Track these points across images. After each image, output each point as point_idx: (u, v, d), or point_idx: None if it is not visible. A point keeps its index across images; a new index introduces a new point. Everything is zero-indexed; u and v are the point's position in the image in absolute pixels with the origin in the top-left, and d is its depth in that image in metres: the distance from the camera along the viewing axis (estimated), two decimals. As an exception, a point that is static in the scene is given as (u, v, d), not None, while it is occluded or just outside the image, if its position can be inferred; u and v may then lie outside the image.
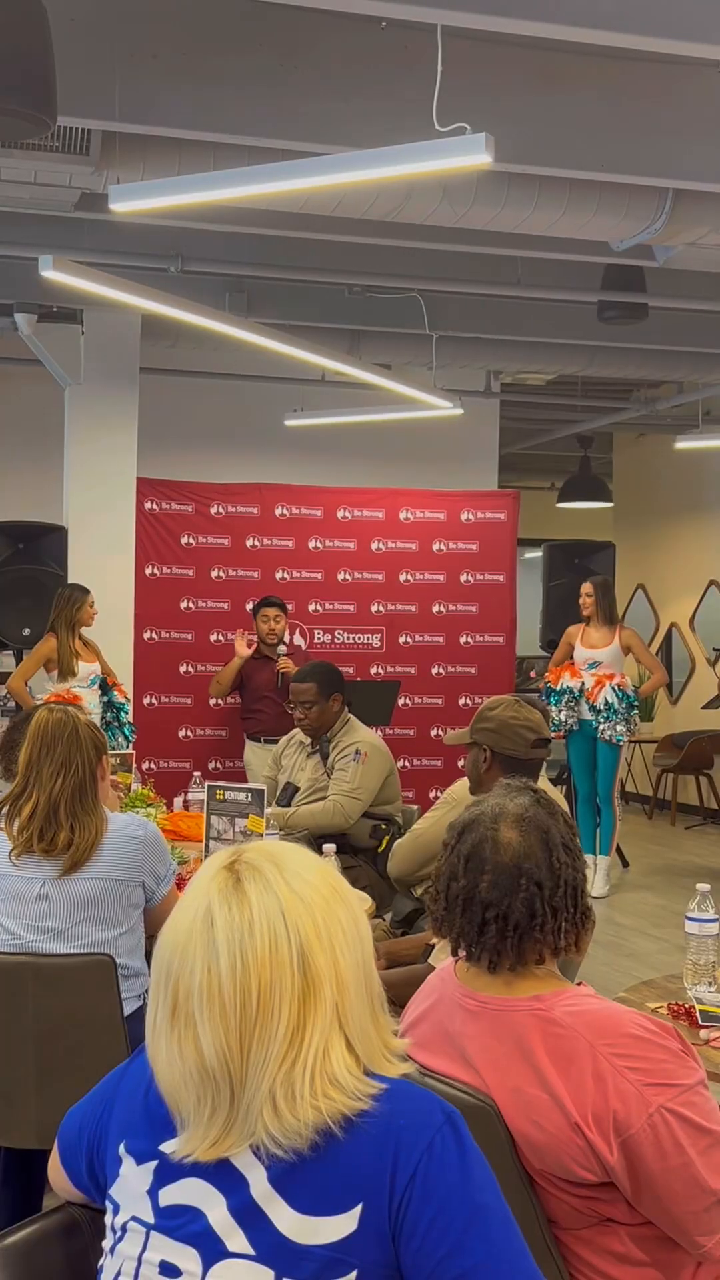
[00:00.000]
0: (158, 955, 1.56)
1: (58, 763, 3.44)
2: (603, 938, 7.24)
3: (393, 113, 4.70)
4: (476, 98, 4.74)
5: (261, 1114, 1.47)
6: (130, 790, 5.48)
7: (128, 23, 4.61)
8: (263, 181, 4.48)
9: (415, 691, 9.96)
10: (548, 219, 5.65)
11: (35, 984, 3.25)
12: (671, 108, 5.18)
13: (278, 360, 8.19)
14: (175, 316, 6.65)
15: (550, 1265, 2.13)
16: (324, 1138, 1.47)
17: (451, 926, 2.28)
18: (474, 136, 3.88)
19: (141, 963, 3.52)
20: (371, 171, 4.22)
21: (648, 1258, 2.14)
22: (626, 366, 9.39)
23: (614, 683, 8.68)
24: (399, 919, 4.80)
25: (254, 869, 1.55)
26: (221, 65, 4.72)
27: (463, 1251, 1.45)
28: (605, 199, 5.61)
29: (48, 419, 9.37)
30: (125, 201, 4.71)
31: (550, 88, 5.02)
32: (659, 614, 13.10)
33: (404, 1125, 1.49)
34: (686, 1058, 2.13)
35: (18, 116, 4.05)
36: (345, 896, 1.58)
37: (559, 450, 13.71)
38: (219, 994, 1.49)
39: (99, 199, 5.52)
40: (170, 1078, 1.52)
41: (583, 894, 2.29)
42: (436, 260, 7.34)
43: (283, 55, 4.76)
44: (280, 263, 7.36)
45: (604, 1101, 2.06)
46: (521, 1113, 2.13)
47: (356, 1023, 1.53)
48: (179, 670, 9.49)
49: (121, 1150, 1.60)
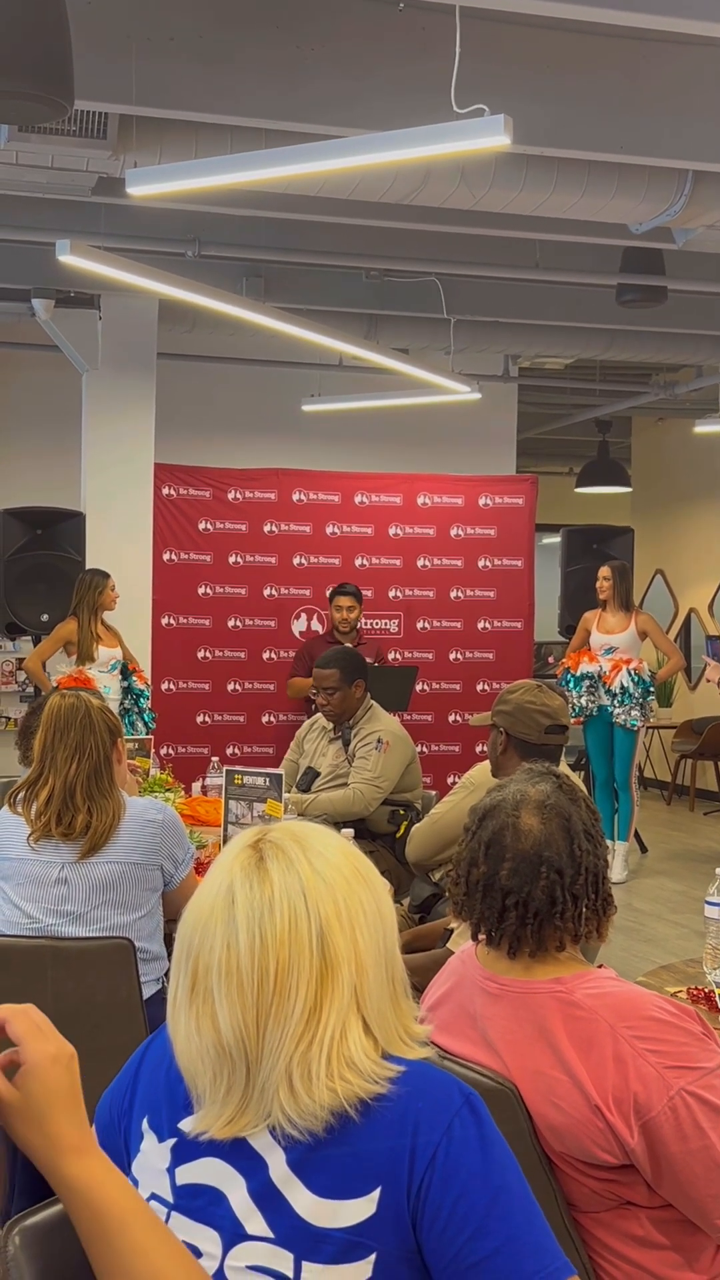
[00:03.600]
0: (181, 931, 1.57)
1: (72, 747, 3.45)
2: (621, 923, 7.24)
3: (410, 94, 4.68)
4: (495, 79, 4.72)
5: (278, 1094, 1.47)
6: (149, 775, 5.48)
7: (144, 6, 4.60)
8: (280, 165, 4.48)
9: (433, 677, 9.96)
10: (566, 201, 5.63)
11: (54, 967, 3.26)
12: (691, 89, 5.15)
13: (295, 345, 8.17)
14: (192, 301, 6.65)
15: (570, 1248, 2.13)
16: (340, 1121, 1.47)
17: (472, 912, 2.27)
18: (492, 118, 3.86)
19: (160, 946, 3.53)
20: (389, 154, 4.21)
21: (668, 1241, 2.14)
22: (645, 350, 9.36)
23: (630, 667, 8.66)
24: (417, 904, 4.80)
25: (278, 848, 1.55)
26: (238, 48, 4.71)
27: (485, 1234, 1.45)
28: (624, 181, 5.59)
29: (65, 405, 9.38)
30: (142, 185, 4.71)
31: (569, 69, 4.99)
32: (678, 599, 13.07)
33: (422, 1108, 1.49)
34: (708, 1041, 2.12)
35: (35, 100, 4.04)
36: (368, 878, 1.58)
37: (577, 435, 13.67)
38: (237, 971, 1.49)
39: (116, 183, 5.52)
40: (188, 1053, 1.53)
41: (604, 881, 2.29)
42: (454, 243, 7.32)
43: (300, 38, 4.75)
44: (297, 247, 7.34)
45: (625, 1084, 2.06)
46: (542, 1095, 2.13)
47: (375, 1006, 1.53)
48: (197, 656, 9.51)
49: (144, 1126, 1.60)
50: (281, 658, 9.63)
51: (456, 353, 8.95)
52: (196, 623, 9.52)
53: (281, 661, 9.62)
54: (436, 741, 9.89)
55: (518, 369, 10.65)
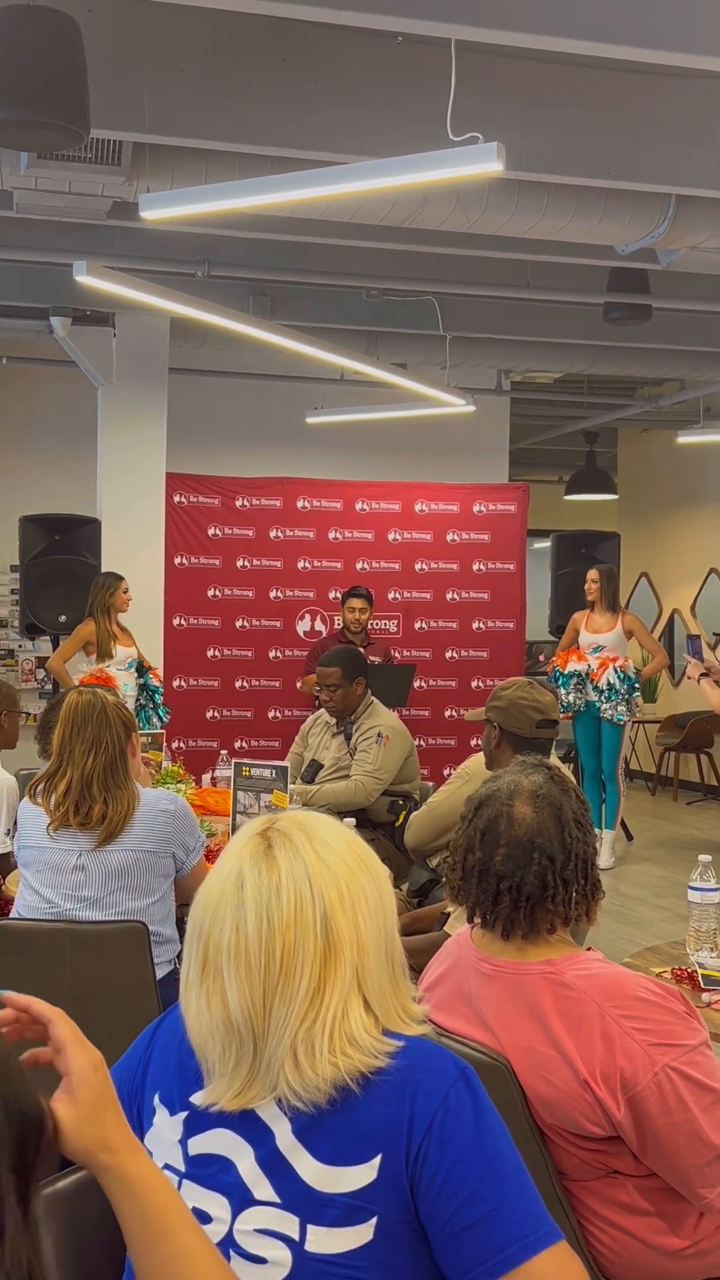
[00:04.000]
0: (193, 913, 1.58)
1: (88, 741, 3.45)
2: (609, 907, 7.24)
3: (408, 123, 4.68)
4: (488, 108, 4.72)
5: (283, 1067, 1.48)
6: (161, 768, 5.49)
7: (157, 40, 4.60)
8: (285, 190, 4.47)
9: (430, 674, 9.96)
10: (556, 224, 5.63)
11: (72, 949, 3.27)
12: (674, 118, 5.15)
13: (299, 360, 8.17)
14: (202, 319, 6.64)
15: (561, 1215, 2.14)
16: (343, 1092, 1.48)
17: (467, 896, 2.28)
18: (486, 145, 3.87)
19: (172, 929, 3.53)
20: (388, 179, 4.21)
21: (652, 1208, 2.14)
22: (631, 365, 9.35)
23: (617, 665, 8.66)
24: (415, 889, 4.81)
25: (285, 836, 1.56)
26: (246, 79, 4.71)
27: (479, 1199, 1.45)
28: (611, 205, 5.59)
29: (82, 417, 9.39)
30: (155, 209, 4.71)
31: (558, 99, 4.99)
32: (661, 601, 13.06)
33: (420, 1080, 1.50)
34: (690, 1019, 2.13)
35: (53, 129, 4.05)
36: (370, 865, 1.59)
37: (566, 445, 13.67)
38: (245, 952, 1.50)
39: (130, 207, 5.51)
40: (199, 1029, 1.54)
41: (593, 867, 2.29)
42: (450, 264, 7.32)
43: (304, 69, 4.75)
44: (301, 267, 7.34)
45: (612, 1060, 2.06)
46: (534, 1070, 2.13)
47: (375, 986, 1.53)
48: (206, 655, 9.51)
49: (156, 1101, 1.61)
50: (287, 656, 9.63)
51: (452, 367, 8.95)
52: (206, 623, 9.52)
53: (287, 660, 9.63)
54: (433, 735, 9.88)
55: (510, 383, 10.65)
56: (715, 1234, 2.18)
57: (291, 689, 9.58)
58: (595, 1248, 2.17)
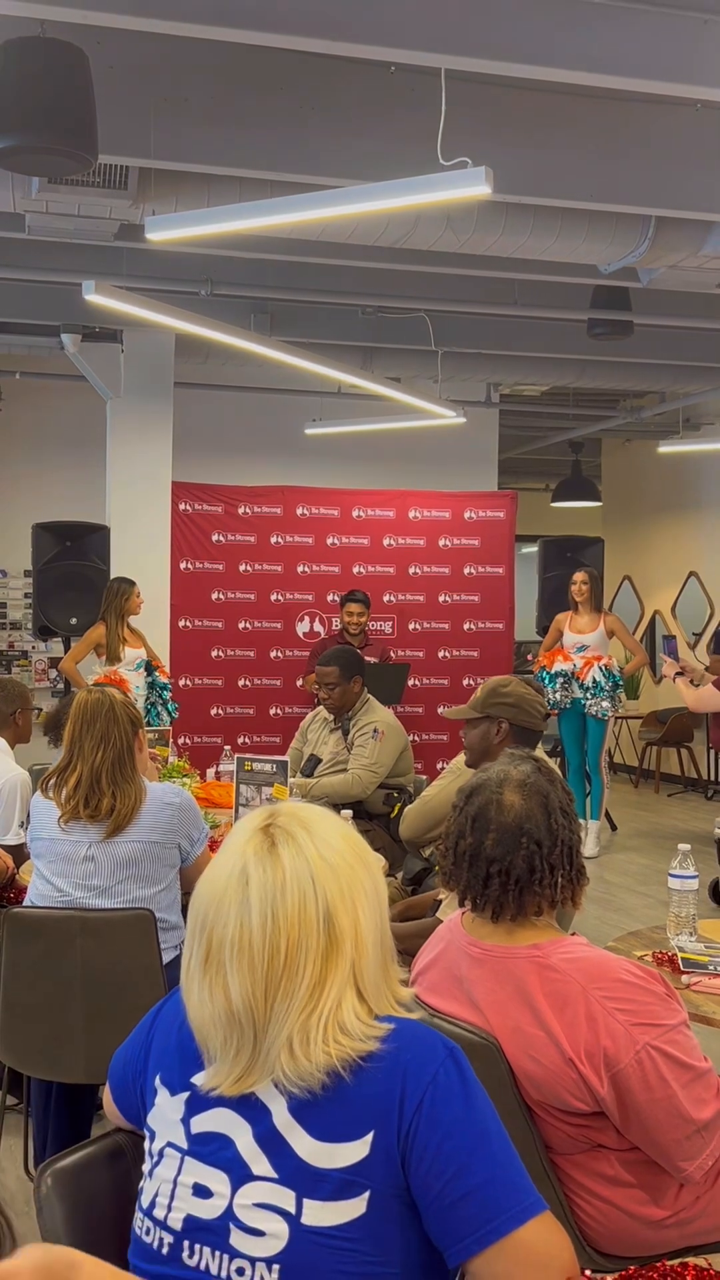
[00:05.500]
0: (194, 904, 1.56)
1: (97, 737, 3.44)
2: (593, 894, 7.24)
3: (401, 149, 4.68)
4: (477, 134, 4.71)
5: (279, 1057, 1.47)
6: (167, 762, 5.48)
7: (162, 69, 4.60)
8: (284, 212, 4.47)
9: (423, 673, 9.96)
10: (542, 244, 5.63)
11: (82, 936, 3.26)
12: (654, 143, 5.15)
13: (298, 375, 8.17)
14: (206, 336, 6.63)
15: (548, 1187, 2.14)
16: (335, 1077, 1.47)
17: (459, 880, 2.27)
18: (474, 170, 3.86)
19: (178, 917, 3.52)
20: (382, 202, 4.20)
21: (635, 1180, 2.14)
22: (614, 378, 9.36)
23: (600, 663, 8.66)
24: (409, 878, 4.80)
25: (287, 834, 1.54)
26: (247, 107, 4.71)
27: (468, 1172, 1.45)
28: (594, 226, 5.59)
29: (91, 429, 9.39)
30: (160, 231, 4.70)
31: (543, 125, 4.99)
32: (644, 602, 13.06)
33: (410, 1059, 1.49)
34: (670, 1000, 2.12)
35: (62, 155, 4.05)
36: (367, 861, 1.58)
37: (553, 455, 13.67)
38: (249, 947, 1.49)
39: (136, 229, 5.51)
40: (201, 1017, 1.53)
41: (578, 853, 2.29)
42: (441, 283, 7.32)
43: (302, 98, 4.75)
44: (300, 286, 7.34)
45: (595, 1039, 2.06)
46: (521, 1049, 2.13)
47: (370, 978, 1.53)
48: (211, 655, 9.51)
49: (157, 1082, 1.60)
50: (287, 656, 9.63)
51: (443, 381, 8.95)
52: (210, 625, 9.51)
53: (288, 660, 9.62)
54: (426, 731, 9.89)
55: (499, 395, 10.65)
56: (695, 1204, 2.18)
57: (291, 687, 9.58)
58: (581, 1218, 2.17)
